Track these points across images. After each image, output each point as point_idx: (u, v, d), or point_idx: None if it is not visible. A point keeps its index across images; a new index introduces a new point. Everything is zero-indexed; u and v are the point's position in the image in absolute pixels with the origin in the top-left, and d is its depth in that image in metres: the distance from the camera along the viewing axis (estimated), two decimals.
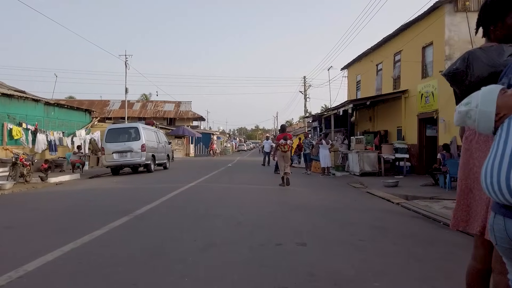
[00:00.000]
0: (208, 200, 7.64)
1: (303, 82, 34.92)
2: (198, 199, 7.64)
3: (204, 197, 8.01)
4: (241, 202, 7.20)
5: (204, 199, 7.69)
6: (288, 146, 10.39)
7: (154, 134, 16.64)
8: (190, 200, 7.56)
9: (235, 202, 7.17)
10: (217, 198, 7.85)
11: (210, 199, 7.78)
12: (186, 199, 7.69)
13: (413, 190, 9.87)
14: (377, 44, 17.99)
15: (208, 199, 7.69)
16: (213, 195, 8.32)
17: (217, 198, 7.85)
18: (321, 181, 12.79)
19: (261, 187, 10.15)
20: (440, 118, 12.85)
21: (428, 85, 13.64)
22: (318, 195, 8.59)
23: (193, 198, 7.78)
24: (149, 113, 48.14)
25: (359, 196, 9.03)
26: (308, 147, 16.19)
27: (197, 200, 7.51)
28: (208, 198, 7.89)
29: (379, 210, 6.72)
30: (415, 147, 14.58)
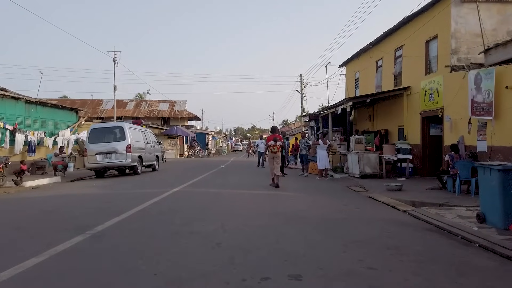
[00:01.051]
0: (189, 210, 6.72)
1: (300, 80, 34.05)
2: (177, 209, 6.70)
3: (185, 207, 7.07)
4: (227, 213, 6.30)
5: (185, 209, 6.76)
6: (278, 147, 10.40)
7: (142, 134, 15.68)
8: (168, 210, 6.60)
9: (220, 213, 6.27)
10: (200, 208, 6.90)
11: (191, 209, 6.84)
12: (163, 209, 6.72)
13: (419, 195, 9.00)
14: (377, 39, 17.13)
15: (190, 209, 6.77)
16: (197, 204, 7.39)
17: (200, 208, 6.90)
18: (318, 184, 11.90)
19: (254, 192, 9.24)
20: (446, 116, 12.00)
21: (432, 81, 12.78)
22: (316, 202, 7.69)
23: (172, 208, 6.83)
24: (143, 113, 47.18)
25: (361, 202, 8.14)
26: (304, 148, 15.30)
27: (175, 211, 6.57)
28: (190, 207, 6.96)
29: (386, 221, 5.83)
30: (418, 148, 13.73)
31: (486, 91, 9.78)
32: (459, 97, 11.15)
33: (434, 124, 13.53)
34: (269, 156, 10.61)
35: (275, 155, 10.45)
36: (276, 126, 12.07)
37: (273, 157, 10.45)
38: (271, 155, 10.49)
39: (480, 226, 5.80)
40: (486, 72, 9.82)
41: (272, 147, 10.43)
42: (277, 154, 10.49)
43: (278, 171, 10.49)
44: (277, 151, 10.47)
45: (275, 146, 10.42)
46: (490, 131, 9.85)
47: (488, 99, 9.73)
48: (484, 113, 9.87)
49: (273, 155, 10.45)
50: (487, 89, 9.76)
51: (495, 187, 5.64)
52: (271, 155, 10.49)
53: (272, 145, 10.43)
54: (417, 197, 8.78)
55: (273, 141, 10.45)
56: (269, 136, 10.95)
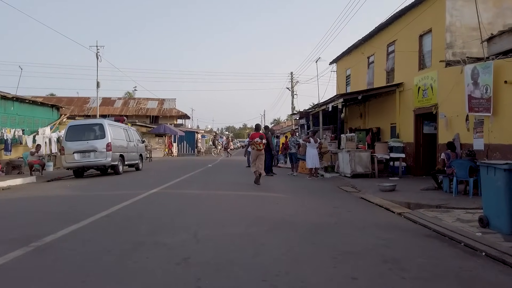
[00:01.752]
0: (162, 215, 6.02)
1: (290, 78, 33.50)
2: (148, 214, 6.03)
3: (157, 211, 6.39)
4: (204, 219, 5.65)
5: (156, 215, 6.07)
6: (263, 145, 10.44)
7: (124, 131, 14.92)
8: (137, 216, 5.89)
9: (196, 219, 5.59)
10: (175, 213, 6.20)
11: (164, 214, 6.15)
12: (131, 214, 6.00)
13: (414, 196, 8.49)
14: (369, 35, 16.62)
15: (162, 214, 6.07)
16: (172, 208, 6.70)
17: (174, 213, 6.20)
18: (308, 185, 11.33)
19: (238, 193, 8.60)
20: (440, 113, 11.52)
21: (426, 77, 12.30)
22: (304, 205, 7.09)
23: (142, 213, 6.12)
24: (131, 111, 46.21)
25: (352, 204, 7.58)
26: (294, 146, 14.73)
27: (145, 216, 5.90)
28: (163, 212, 6.27)
29: (381, 227, 5.26)
30: (411, 146, 13.26)
31: (484, 86, 9.30)
32: (455, 93, 10.67)
33: (428, 122, 13.06)
34: (253, 154, 10.58)
35: (260, 152, 10.46)
36: (259, 124, 12.04)
37: (257, 154, 10.45)
38: (256, 152, 10.49)
39: (483, 231, 5.28)
40: (483, 66, 9.35)
41: (257, 144, 10.43)
42: (262, 151, 10.50)
43: (262, 170, 10.52)
44: (262, 148, 10.47)
45: (260, 144, 10.42)
46: (488, 128, 9.39)
47: (486, 95, 9.26)
48: (482, 109, 9.40)
49: (258, 153, 10.45)
50: (485, 84, 9.29)
51: (500, 188, 5.12)
52: (256, 152, 10.49)
53: (258, 142, 10.43)
54: (412, 198, 8.27)
55: (259, 139, 10.47)
56: (254, 134, 10.97)
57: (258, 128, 11.53)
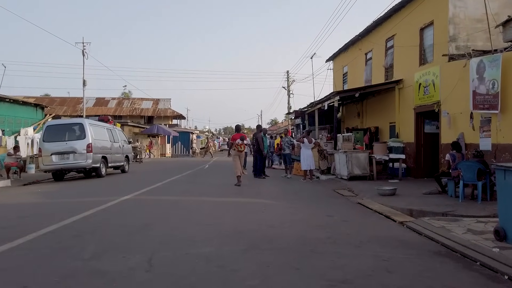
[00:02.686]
0: (120, 230, 5.03)
1: (286, 77, 32.72)
2: (103, 230, 5.07)
3: (118, 225, 5.41)
4: (171, 234, 4.77)
5: (114, 230, 5.10)
6: (244, 146, 10.63)
7: (107, 131, 14.07)
8: (90, 231, 4.93)
9: (161, 235, 4.70)
10: (138, 227, 5.21)
11: (125, 228, 5.15)
12: (84, 229, 5.04)
13: (417, 201, 7.71)
14: (366, 30, 15.86)
15: (121, 229, 5.09)
16: (138, 219, 5.73)
17: (138, 226, 5.21)
18: (302, 188, 10.54)
19: (222, 200, 7.76)
20: (443, 111, 10.76)
21: (428, 72, 11.54)
22: (295, 213, 6.26)
23: (97, 227, 5.19)
24: (125, 111, 45.41)
25: (349, 211, 6.79)
26: (288, 147, 13.93)
27: (99, 232, 4.92)
28: (124, 226, 5.30)
29: (381, 241, 4.47)
30: (412, 146, 12.49)
31: (491, 81, 8.55)
32: (459, 89, 9.92)
33: (429, 120, 12.30)
34: (234, 154, 10.64)
35: (241, 154, 10.61)
36: (240, 125, 12.07)
37: (238, 155, 10.58)
38: (236, 153, 10.56)
39: (501, 246, 4.50)
40: (491, 59, 8.60)
41: (238, 145, 10.52)
42: (243, 153, 10.68)
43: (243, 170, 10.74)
44: (243, 150, 10.64)
45: (242, 145, 10.53)
46: (496, 127, 8.63)
47: (493, 90, 8.50)
48: (489, 107, 8.64)
49: (238, 153, 10.57)
50: (491, 78, 8.53)
51: None
52: (236, 153, 10.56)
53: (239, 143, 10.52)
54: (414, 203, 7.49)
55: (240, 140, 10.55)
56: (235, 135, 11.01)
57: (239, 129, 11.63)
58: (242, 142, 10.57)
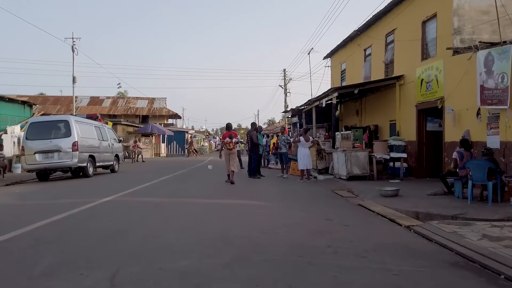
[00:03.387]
0: (88, 238, 4.38)
1: (283, 75, 32.16)
2: (68, 238, 4.43)
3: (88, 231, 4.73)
4: (146, 243, 4.14)
5: (81, 237, 4.45)
6: (233, 144, 10.68)
7: (96, 129, 13.44)
8: (53, 239, 4.27)
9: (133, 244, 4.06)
10: (111, 233, 4.57)
11: (95, 235, 4.50)
12: (47, 237, 4.36)
13: (422, 203, 7.16)
14: (366, 25, 15.32)
15: (90, 237, 4.44)
16: (113, 225, 5.10)
17: (110, 233, 4.57)
18: (298, 189, 9.98)
19: (212, 202, 7.16)
20: (447, 107, 10.23)
21: (431, 67, 11.01)
22: (290, 217, 5.68)
23: (63, 235, 4.50)
24: (120, 110, 44.77)
25: (349, 214, 6.23)
26: (284, 145, 13.35)
27: (63, 241, 4.28)
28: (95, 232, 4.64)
29: (388, 249, 3.92)
30: (413, 145, 11.96)
31: (500, 74, 8.02)
32: (464, 84, 9.40)
33: (432, 118, 11.78)
34: (225, 153, 10.73)
35: (231, 152, 10.66)
36: (230, 124, 11.86)
37: (229, 153, 10.65)
38: (227, 152, 10.65)
39: None
40: (500, 51, 8.08)
41: (227, 144, 10.60)
42: (233, 151, 10.71)
43: (235, 168, 10.77)
44: (233, 148, 10.68)
45: (231, 143, 10.60)
46: (504, 123, 8.11)
47: (502, 85, 7.97)
48: (497, 102, 8.11)
49: (229, 152, 10.64)
50: (500, 72, 8.00)
51: None
52: (227, 152, 10.65)
53: (228, 142, 10.60)
54: (420, 205, 6.94)
55: (229, 138, 10.64)
56: (225, 133, 11.09)
57: (229, 128, 11.52)
58: (231, 140, 10.66)
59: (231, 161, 10.60)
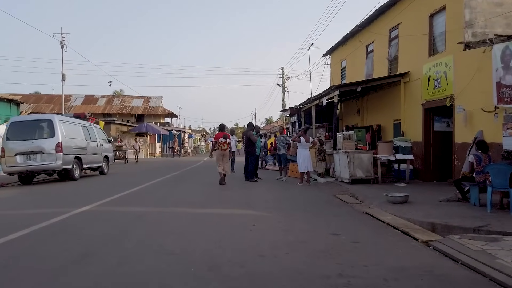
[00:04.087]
0: (42, 265, 3.58)
1: (281, 73, 31.43)
2: (21, 264, 3.63)
3: (47, 254, 3.95)
4: (114, 273, 3.35)
5: (35, 263, 3.64)
6: (227, 145, 10.58)
7: (83, 129, 12.65)
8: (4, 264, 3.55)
9: (97, 276, 3.26)
10: (74, 258, 3.77)
11: (54, 259, 3.74)
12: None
13: (436, 212, 6.46)
14: (368, 20, 14.61)
15: (47, 262, 3.67)
16: (82, 243, 4.29)
17: (73, 257, 3.78)
18: (298, 194, 9.27)
19: (202, 212, 6.37)
20: (458, 106, 9.55)
21: (439, 63, 10.31)
22: (291, 230, 4.86)
23: (16, 259, 3.76)
24: (115, 109, 43.95)
25: (357, 226, 5.53)
26: (283, 146, 12.62)
27: (9, 269, 3.50)
28: (57, 254, 3.88)
29: (413, 279, 3.21)
30: (419, 146, 11.28)
31: None
32: (477, 80, 8.71)
33: (440, 117, 11.10)
34: (218, 154, 10.58)
35: (224, 152, 10.54)
36: (224, 124, 11.90)
37: (222, 154, 10.53)
38: (220, 152, 10.53)
39: None
40: None
41: (222, 144, 10.45)
42: (226, 151, 10.61)
43: (228, 169, 10.77)
44: (226, 148, 10.57)
45: (225, 144, 10.47)
46: None
47: None
48: None
49: (222, 152, 10.52)
50: None
51: None
52: (220, 152, 10.53)
53: (222, 142, 10.46)
54: (434, 214, 6.25)
55: (223, 139, 10.51)
56: (218, 134, 10.95)
57: (222, 128, 11.49)
58: (225, 141, 10.53)
59: (224, 162, 10.57)
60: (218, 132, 11.21)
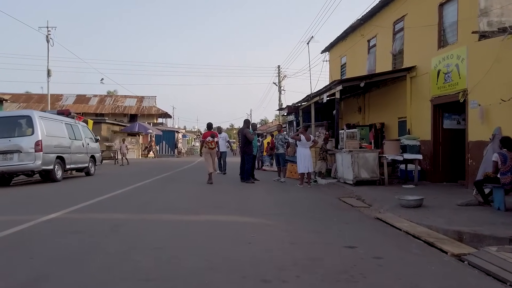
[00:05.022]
0: None
1: (278, 72, 30.66)
2: None
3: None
4: None
5: None
6: (215, 144, 10.70)
7: (66, 127, 11.73)
8: None
9: None
10: (24, 282, 2.94)
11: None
12: None
13: (458, 218, 5.70)
14: (370, 13, 13.90)
15: None
16: (30, 266, 3.33)
17: (25, 281, 2.96)
18: (300, 197, 8.48)
19: (190, 218, 5.46)
20: (472, 101, 8.82)
21: (450, 55, 9.59)
22: (298, 243, 4.04)
23: None
24: (107, 109, 43.04)
25: (374, 236, 4.76)
26: (282, 145, 11.83)
27: None
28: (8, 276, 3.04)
29: None
30: (428, 145, 10.55)
31: None
32: (495, 72, 8.00)
33: (449, 114, 10.39)
34: (205, 152, 10.67)
35: (212, 151, 10.66)
36: (211, 123, 11.74)
37: (209, 153, 10.64)
38: (207, 151, 10.61)
39: None
40: None
41: (210, 143, 10.56)
42: (214, 150, 10.70)
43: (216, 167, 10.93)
44: (214, 147, 10.67)
45: (212, 142, 10.58)
46: None
47: None
48: None
49: (209, 151, 10.62)
50: None
51: None
52: (207, 151, 10.61)
53: (209, 141, 10.57)
54: (455, 220, 5.49)
55: (211, 137, 10.61)
56: (206, 133, 11.02)
57: (210, 127, 11.53)
58: (212, 140, 10.59)
59: (212, 160, 10.69)
60: (206, 131, 11.25)
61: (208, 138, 10.59)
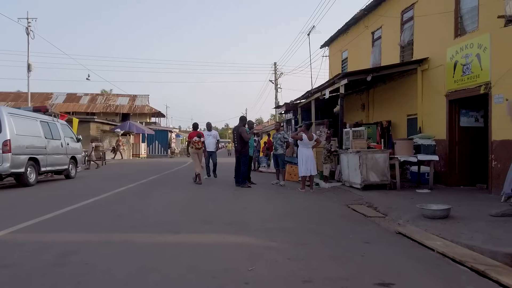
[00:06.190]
0: None
1: (274, 69, 29.60)
2: None
3: None
4: None
5: None
6: (201, 144, 10.74)
7: (42, 125, 10.54)
8: None
9: None
10: None
11: None
12: None
13: (502, 233, 4.67)
14: (375, 2, 12.88)
15: None
16: None
17: None
18: (303, 204, 7.42)
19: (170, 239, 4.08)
20: (496, 95, 7.81)
21: (470, 45, 8.57)
22: (309, 281, 2.83)
23: None
24: (98, 108, 41.72)
25: (401, 259, 3.75)
26: (280, 145, 10.75)
27: None
28: None
29: None
30: (443, 144, 9.55)
31: None
32: None
33: (467, 110, 9.39)
34: (192, 153, 10.71)
35: (198, 151, 10.71)
36: (197, 123, 11.75)
37: (196, 153, 10.68)
38: (194, 151, 10.66)
39: None
40: None
41: (196, 143, 10.59)
42: (200, 150, 10.75)
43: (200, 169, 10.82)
44: (201, 147, 10.71)
45: (199, 143, 10.63)
46: None
47: None
48: None
49: (196, 151, 10.67)
50: None
51: None
52: (194, 151, 10.66)
53: (196, 141, 10.60)
54: (501, 237, 4.46)
55: (197, 137, 10.64)
56: (191, 133, 11.08)
57: (196, 127, 11.65)
58: (199, 140, 10.62)
59: (199, 160, 10.76)
60: (192, 131, 11.28)
61: (194, 138, 10.65)
